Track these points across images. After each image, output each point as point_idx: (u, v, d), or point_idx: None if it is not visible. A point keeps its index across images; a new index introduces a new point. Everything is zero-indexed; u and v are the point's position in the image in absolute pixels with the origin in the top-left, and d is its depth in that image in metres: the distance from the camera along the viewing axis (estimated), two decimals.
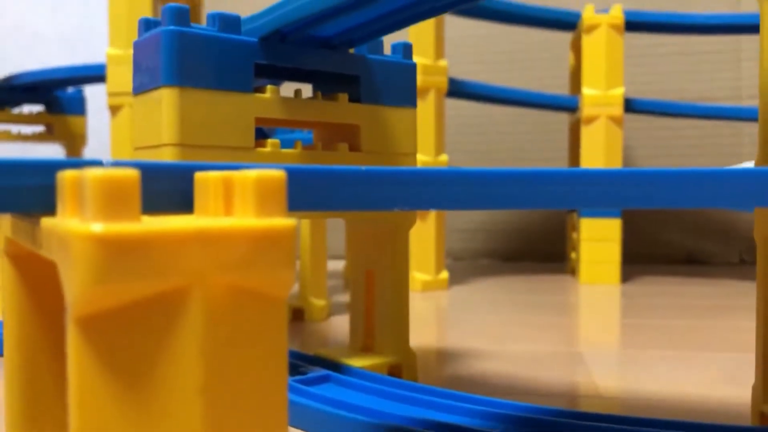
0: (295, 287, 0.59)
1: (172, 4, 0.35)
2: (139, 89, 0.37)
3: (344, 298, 0.72)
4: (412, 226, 0.43)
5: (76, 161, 0.22)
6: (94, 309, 0.17)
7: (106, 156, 1.10)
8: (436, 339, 0.57)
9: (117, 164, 0.22)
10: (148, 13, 0.69)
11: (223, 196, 0.20)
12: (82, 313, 0.17)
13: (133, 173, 0.18)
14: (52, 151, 1.13)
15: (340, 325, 0.60)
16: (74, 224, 0.17)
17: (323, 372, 0.38)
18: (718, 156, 1.01)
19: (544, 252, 1.07)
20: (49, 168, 0.22)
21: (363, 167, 0.27)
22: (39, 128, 0.88)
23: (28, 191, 0.21)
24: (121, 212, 0.17)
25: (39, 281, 0.27)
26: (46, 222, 0.20)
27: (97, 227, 0.17)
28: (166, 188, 0.23)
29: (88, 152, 0.93)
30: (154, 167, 0.22)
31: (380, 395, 0.36)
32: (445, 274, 0.81)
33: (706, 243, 1.03)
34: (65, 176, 0.19)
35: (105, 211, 0.17)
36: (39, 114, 0.87)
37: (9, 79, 0.84)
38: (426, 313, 0.69)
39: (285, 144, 0.39)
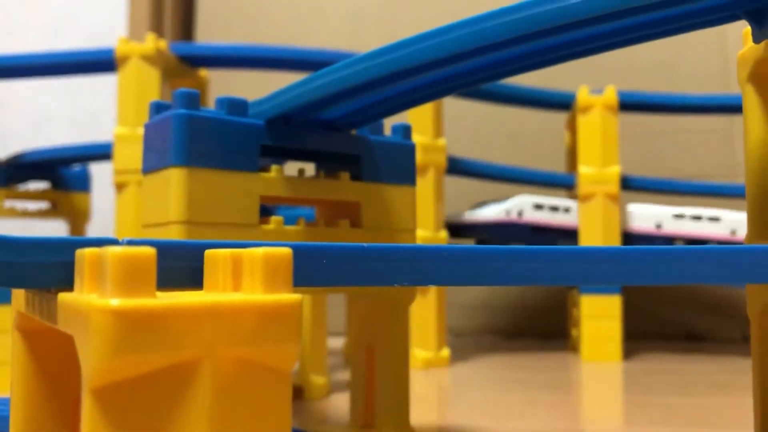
0: (295, 365, 0.59)
1: (183, 89, 0.37)
2: (148, 169, 0.39)
3: (344, 375, 0.72)
4: (412, 301, 0.43)
5: (92, 239, 0.23)
6: (110, 380, 0.17)
7: (108, 232, 1.12)
8: (437, 417, 0.57)
9: (132, 242, 0.23)
10: (156, 95, 0.72)
11: (232, 272, 0.21)
12: (98, 384, 0.17)
13: (150, 251, 0.19)
14: (55, 227, 1.15)
15: (341, 403, 0.60)
16: (93, 299, 0.18)
17: None
18: None
19: (546, 329, 1.07)
20: (67, 246, 0.23)
21: (365, 244, 0.28)
22: (44, 205, 0.89)
23: (47, 268, 0.22)
24: (138, 288, 0.18)
25: (48, 356, 0.27)
26: (63, 297, 0.21)
27: (116, 302, 0.18)
28: (178, 265, 0.23)
29: (91, 228, 0.94)
30: (166, 245, 0.23)
31: None
32: (446, 351, 0.81)
33: (707, 320, 1.03)
34: (84, 254, 0.20)
35: (123, 287, 0.18)
36: (44, 191, 0.89)
37: (17, 158, 0.86)
38: (427, 390, 0.68)
39: (288, 220, 0.40)
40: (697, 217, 0.80)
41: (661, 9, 0.31)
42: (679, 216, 0.80)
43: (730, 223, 0.81)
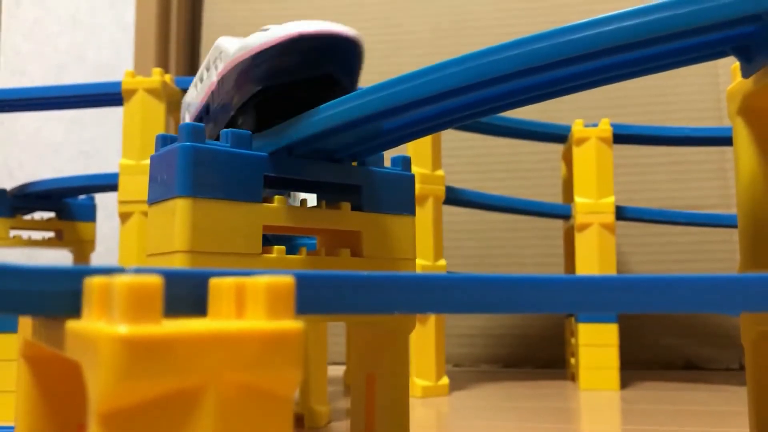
0: (296, 392, 0.59)
1: (190, 122, 0.38)
2: (153, 199, 0.39)
3: (344, 404, 0.72)
4: (412, 330, 0.44)
5: (100, 268, 0.24)
6: (117, 405, 0.18)
7: (110, 260, 1.12)
8: None
9: (139, 271, 0.24)
10: (161, 127, 0.73)
11: (236, 300, 0.22)
12: (106, 409, 0.18)
13: (157, 280, 0.19)
14: (58, 255, 1.16)
15: (341, 431, 0.60)
16: (101, 326, 0.19)
17: None
18: (709, 262, 1.02)
19: (544, 358, 1.07)
20: (76, 275, 0.23)
21: (365, 272, 0.29)
22: (49, 234, 0.90)
23: (56, 296, 0.23)
24: (145, 315, 0.19)
25: (53, 383, 0.28)
26: (71, 324, 0.21)
27: (124, 329, 0.18)
28: (183, 293, 0.24)
29: (95, 257, 0.95)
30: (172, 274, 0.24)
31: None
32: (445, 380, 0.81)
33: (705, 348, 1.03)
34: (93, 282, 0.21)
35: (131, 314, 0.19)
36: (49, 220, 0.90)
37: (23, 188, 0.87)
38: (426, 419, 0.68)
39: (290, 250, 0.40)
40: None
41: (654, 45, 0.32)
42: None
43: None
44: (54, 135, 1.30)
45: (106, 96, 0.75)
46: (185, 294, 0.25)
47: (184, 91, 0.79)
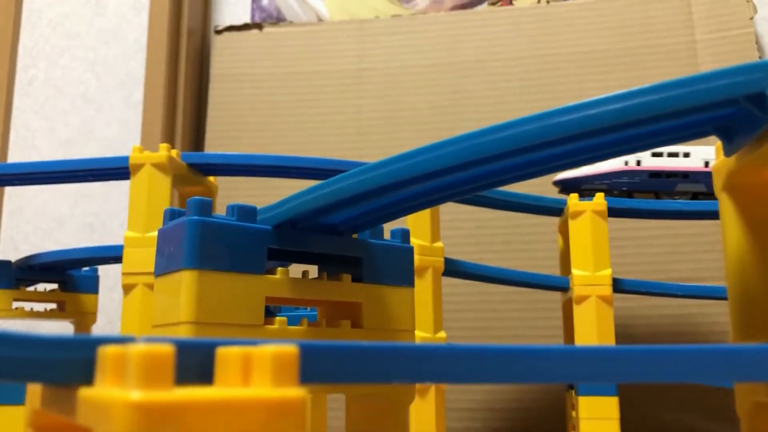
0: None
1: (197, 197, 0.40)
2: (160, 271, 0.41)
3: None
4: (411, 401, 0.44)
5: (112, 338, 0.25)
6: None
7: (109, 331, 1.12)
8: None
9: (150, 340, 0.25)
10: (166, 200, 0.75)
11: (242, 368, 0.23)
12: None
13: (169, 348, 0.21)
14: (59, 327, 1.16)
15: None
16: (115, 392, 0.20)
17: None
18: (705, 334, 1.03)
19: None
20: (90, 344, 0.24)
21: (366, 342, 0.30)
22: (51, 305, 0.91)
23: (70, 364, 0.24)
24: (158, 382, 0.20)
25: None
26: (84, 392, 0.22)
27: (138, 395, 0.19)
28: (191, 362, 0.25)
29: (96, 329, 0.95)
30: (182, 343, 0.25)
31: None
32: None
33: (708, 423, 1.02)
34: (107, 350, 0.22)
35: (145, 381, 0.20)
36: (52, 291, 0.91)
37: (28, 259, 0.89)
38: None
39: (291, 320, 0.41)
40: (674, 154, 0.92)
41: (638, 127, 0.34)
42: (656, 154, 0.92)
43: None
44: (60, 208, 1.32)
45: (115, 170, 0.77)
46: (194, 363, 0.25)
47: (190, 165, 0.82)
